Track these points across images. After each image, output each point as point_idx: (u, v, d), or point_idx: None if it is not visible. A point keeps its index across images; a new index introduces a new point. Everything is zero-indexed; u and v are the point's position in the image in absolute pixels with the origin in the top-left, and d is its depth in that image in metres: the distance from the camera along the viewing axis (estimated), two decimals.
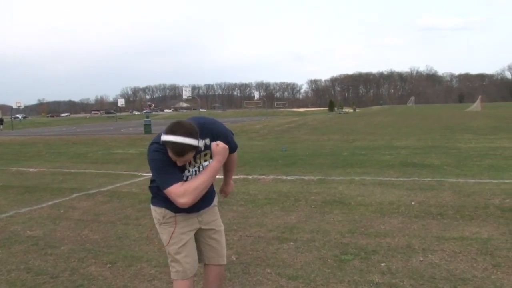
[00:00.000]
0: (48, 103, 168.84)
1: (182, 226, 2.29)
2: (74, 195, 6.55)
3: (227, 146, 2.19)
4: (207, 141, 2.19)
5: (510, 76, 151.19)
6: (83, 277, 3.36)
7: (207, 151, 2.21)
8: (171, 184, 2.08)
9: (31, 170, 9.76)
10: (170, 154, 2.04)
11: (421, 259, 3.41)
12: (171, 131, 2.00)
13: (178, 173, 2.12)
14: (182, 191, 2.07)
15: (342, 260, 3.46)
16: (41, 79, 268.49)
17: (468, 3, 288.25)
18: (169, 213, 2.27)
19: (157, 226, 2.35)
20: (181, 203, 2.08)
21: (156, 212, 2.33)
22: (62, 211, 5.59)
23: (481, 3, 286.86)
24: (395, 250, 3.62)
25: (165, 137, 2.00)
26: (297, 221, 4.63)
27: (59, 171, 9.29)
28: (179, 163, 2.09)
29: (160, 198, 2.27)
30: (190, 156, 2.07)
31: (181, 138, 1.98)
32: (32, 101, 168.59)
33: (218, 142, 2.17)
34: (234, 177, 2.74)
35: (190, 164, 2.20)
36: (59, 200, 6.27)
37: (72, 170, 9.35)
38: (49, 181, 7.99)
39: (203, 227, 2.38)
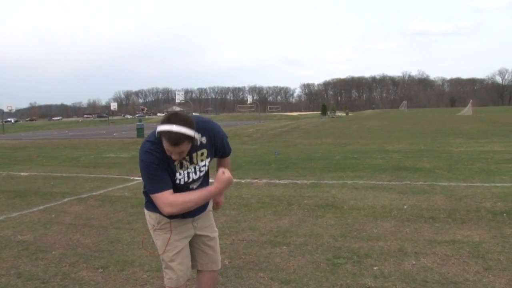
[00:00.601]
0: (40, 107, 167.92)
1: (177, 232, 2.26)
2: (65, 199, 6.49)
3: (231, 178, 2.11)
4: (204, 139, 2.14)
5: (501, 81, 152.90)
6: (74, 282, 3.34)
7: (204, 150, 2.17)
8: (159, 191, 2.05)
9: (22, 174, 9.67)
10: (165, 145, 1.98)
11: (414, 262, 3.43)
12: (167, 120, 1.96)
13: (167, 180, 2.08)
14: (170, 202, 2.04)
15: (335, 263, 3.46)
16: (33, 82, 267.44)
17: (459, 9, 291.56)
18: (164, 219, 2.23)
19: (151, 231, 2.31)
20: (165, 212, 2.07)
21: (151, 217, 2.29)
22: (53, 215, 5.54)
23: (472, 9, 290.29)
24: (387, 254, 3.63)
25: (161, 127, 1.95)
26: (290, 225, 4.63)
27: (51, 175, 9.21)
28: (174, 157, 2.02)
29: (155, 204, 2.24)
30: (185, 147, 2.00)
31: (177, 128, 1.92)
32: (24, 104, 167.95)
33: (225, 170, 2.10)
34: None
35: (182, 166, 2.14)
36: (50, 204, 6.21)
37: (64, 174, 9.28)
38: (40, 185, 7.92)
39: (198, 232, 2.36)
